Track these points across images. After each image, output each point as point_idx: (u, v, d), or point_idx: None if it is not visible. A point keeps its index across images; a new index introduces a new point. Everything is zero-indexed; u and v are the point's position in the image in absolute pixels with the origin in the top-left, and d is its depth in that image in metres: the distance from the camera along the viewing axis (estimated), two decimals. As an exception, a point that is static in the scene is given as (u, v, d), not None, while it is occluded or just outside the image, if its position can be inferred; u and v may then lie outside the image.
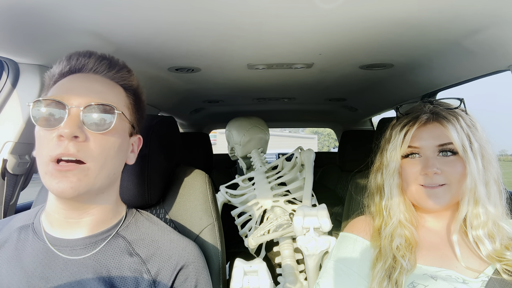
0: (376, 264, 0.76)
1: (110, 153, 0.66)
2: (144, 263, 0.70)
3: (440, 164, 0.74)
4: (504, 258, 0.70)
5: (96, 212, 0.69)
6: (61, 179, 0.60)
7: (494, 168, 0.75)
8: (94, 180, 0.64)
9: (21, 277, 0.65)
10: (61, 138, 0.61)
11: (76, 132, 0.61)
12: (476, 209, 0.72)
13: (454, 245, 0.74)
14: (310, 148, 1.66)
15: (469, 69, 1.10)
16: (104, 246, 0.70)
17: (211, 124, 2.93)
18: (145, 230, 0.76)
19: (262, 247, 1.51)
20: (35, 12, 0.72)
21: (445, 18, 0.80)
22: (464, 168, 0.73)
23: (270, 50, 1.05)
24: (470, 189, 0.72)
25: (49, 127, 0.62)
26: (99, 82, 0.68)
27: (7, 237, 0.71)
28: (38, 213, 0.74)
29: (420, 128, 0.77)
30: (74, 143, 0.61)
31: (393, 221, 0.78)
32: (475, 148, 0.73)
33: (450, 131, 0.73)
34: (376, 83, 1.50)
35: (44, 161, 0.61)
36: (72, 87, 0.66)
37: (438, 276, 0.71)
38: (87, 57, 0.69)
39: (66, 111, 0.62)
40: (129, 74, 0.73)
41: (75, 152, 0.61)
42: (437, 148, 0.75)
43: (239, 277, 0.97)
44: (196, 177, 0.98)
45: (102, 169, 0.65)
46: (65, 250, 0.67)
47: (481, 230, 0.72)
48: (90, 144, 0.63)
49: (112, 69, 0.70)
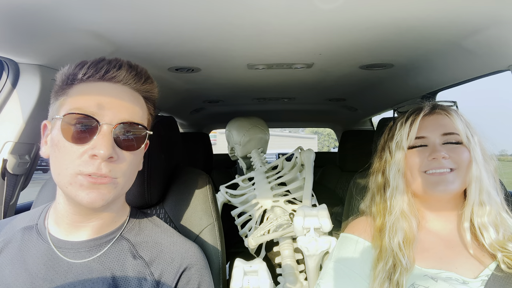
0: (377, 265, 0.76)
1: (135, 169, 0.69)
2: (147, 265, 0.70)
3: (447, 151, 0.75)
4: (505, 249, 0.70)
5: (105, 216, 0.70)
6: (92, 191, 0.60)
7: (493, 162, 0.78)
8: (120, 192, 0.66)
9: (25, 279, 0.64)
10: (95, 158, 0.60)
11: (111, 153, 0.60)
12: (481, 197, 0.74)
13: (465, 233, 0.75)
14: (310, 148, 1.66)
15: (469, 69, 1.10)
16: (108, 248, 0.70)
17: (211, 124, 2.93)
18: (148, 232, 0.76)
19: (262, 247, 1.51)
20: (35, 12, 0.72)
21: (445, 18, 0.80)
22: (470, 155, 0.75)
23: (270, 50, 1.05)
24: (476, 177, 0.74)
25: (79, 142, 0.60)
26: (128, 95, 0.67)
27: (11, 237, 0.70)
28: (42, 214, 0.74)
29: (425, 118, 0.80)
30: (107, 163, 0.61)
31: (396, 211, 0.79)
32: (475, 140, 0.76)
33: (455, 120, 0.77)
34: (376, 83, 1.50)
35: (69, 173, 0.60)
36: (103, 102, 0.63)
37: (438, 277, 0.71)
38: (118, 67, 0.66)
39: (99, 127, 0.61)
40: (152, 85, 0.72)
41: (107, 172, 0.61)
42: (442, 137, 0.77)
43: (239, 277, 0.97)
44: (196, 177, 0.98)
45: (128, 182, 0.67)
46: (69, 252, 0.67)
47: (486, 217, 0.73)
48: (120, 163, 0.63)
49: (139, 80, 0.69)
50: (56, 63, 0.94)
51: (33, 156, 1.04)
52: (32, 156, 1.03)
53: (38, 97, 0.94)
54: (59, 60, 0.93)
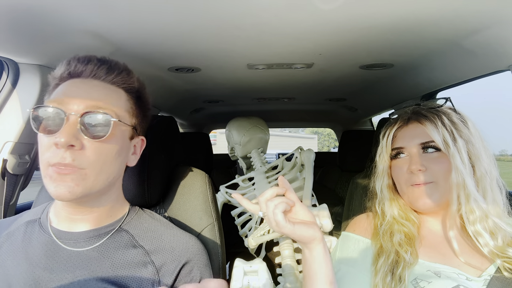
0: (378, 259, 0.76)
1: (108, 159, 0.67)
2: (148, 254, 0.72)
3: (425, 162, 0.75)
4: (505, 255, 0.69)
5: (98, 211, 0.71)
6: (59, 183, 0.61)
7: (485, 163, 0.74)
8: (92, 184, 0.65)
9: (25, 268, 0.66)
10: (57, 147, 0.61)
11: (72, 141, 0.61)
12: (469, 204, 0.72)
13: (452, 241, 0.74)
14: (310, 148, 1.66)
15: (469, 69, 1.10)
16: (107, 239, 0.71)
17: (211, 124, 2.93)
18: (148, 225, 0.77)
19: (262, 247, 1.51)
20: (35, 12, 0.72)
21: (445, 18, 0.80)
22: (449, 164, 0.73)
23: (270, 50, 1.05)
24: (457, 184, 0.71)
25: (48, 133, 0.63)
26: (98, 88, 0.68)
27: (14, 230, 0.73)
28: (46, 209, 0.76)
29: (402, 128, 0.81)
30: (70, 152, 0.61)
31: (388, 219, 0.80)
32: (459, 144, 0.73)
33: (429, 129, 0.75)
34: (376, 83, 1.50)
35: (44, 165, 0.63)
36: (70, 93, 0.66)
37: (441, 273, 0.71)
38: (85, 63, 0.69)
39: (64, 118, 0.63)
40: (129, 77, 0.73)
41: (71, 161, 0.61)
42: (420, 146, 0.77)
43: (239, 277, 0.97)
44: (196, 177, 0.98)
45: (100, 174, 0.65)
46: (69, 242, 0.69)
47: (479, 224, 0.71)
48: (86, 152, 0.63)
49: (112, 73, 0.70)
50: (56, 63, 0.93)
51: (33, 156, 1.04)
52: (32, 156, 1.03)
53: (38, 97, 0.94)
54: (59, 60, 0.92)
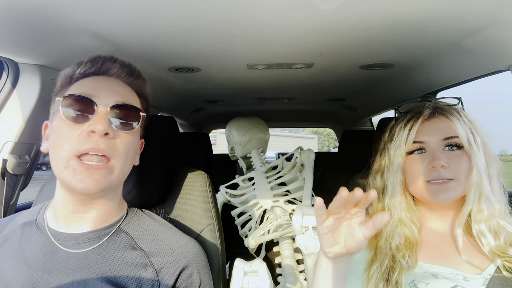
0: (371, 266, 0.75)
1: (130, 152, 0.70)
2: (147, 256, 0.72)
3: (447, 159, 0.73)
4: (506, 254, 0.69)
5: (102, 208, 0.71)
6: (86, 176, 0.63)
7: (496, 163, 0.75)
8: (116, 178, 0.67)
9: (23, 271, 0.65)
10: (92, 134, 0.63)
11: (108, 129, 0.64)
12: (480, 203, 0.72)
13: (457, 238, 0.73)
14: (310, 148, 1.66)
15: (469, 69, 1.10)
16: (106, 240, 0.71)
17: (211, 124, 2.92)
18: (147, 226, 0.77)
19: (262, 247, 1.51)
20: (36, 12, 0.72)
21: (445, 18, 0.80)
22: (470, 162, 0.72)
23: (270, 50, 1.05)
24: (476, 183, 0.71)
25: (76, 122, 0.64)
26: (121, 86, 0.72)
27: (10, 233, 0.72)
28: (42, 210, 0.75)
29: (425, 123, 0.77)
30: (104, 139, 0.64)
31: (394, 219, 0.78)
32: (478, 142, 0.73)
33: (456, 124, 0.74)
34: (376, 83, 1.50)
35: (66, 155, 0.63)
36: (99, 87, 0.69)
37: (439, 274, 0.71)
38: (112, 61, 0.73)
39: (95, 108, 0.65)
40: (144, 82, 0.77)
41: (105, 147, 0.64)
42: (442, 142, 0.75)
43: (239, 277, 0.97)
44: (196, 177, 0.98)
45: (123, 167, 0.68)
46: (68, 244, 0.69)
47: (483, 224, 0.72)
48: (117, 142, 0.66)
49: (132, 75, 0.75)
50: (56, 63, 0.94)
51: (33, 156, 1.04)
52: (32, 156, 1.03)
53: (38, 97, 0.94)
54: (59, 60, 0.93)
